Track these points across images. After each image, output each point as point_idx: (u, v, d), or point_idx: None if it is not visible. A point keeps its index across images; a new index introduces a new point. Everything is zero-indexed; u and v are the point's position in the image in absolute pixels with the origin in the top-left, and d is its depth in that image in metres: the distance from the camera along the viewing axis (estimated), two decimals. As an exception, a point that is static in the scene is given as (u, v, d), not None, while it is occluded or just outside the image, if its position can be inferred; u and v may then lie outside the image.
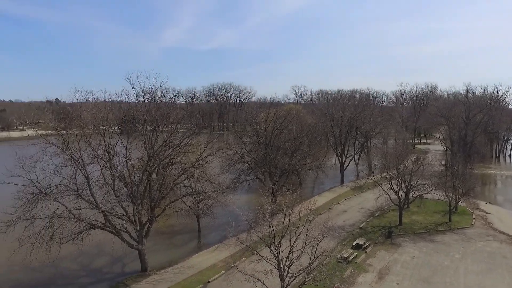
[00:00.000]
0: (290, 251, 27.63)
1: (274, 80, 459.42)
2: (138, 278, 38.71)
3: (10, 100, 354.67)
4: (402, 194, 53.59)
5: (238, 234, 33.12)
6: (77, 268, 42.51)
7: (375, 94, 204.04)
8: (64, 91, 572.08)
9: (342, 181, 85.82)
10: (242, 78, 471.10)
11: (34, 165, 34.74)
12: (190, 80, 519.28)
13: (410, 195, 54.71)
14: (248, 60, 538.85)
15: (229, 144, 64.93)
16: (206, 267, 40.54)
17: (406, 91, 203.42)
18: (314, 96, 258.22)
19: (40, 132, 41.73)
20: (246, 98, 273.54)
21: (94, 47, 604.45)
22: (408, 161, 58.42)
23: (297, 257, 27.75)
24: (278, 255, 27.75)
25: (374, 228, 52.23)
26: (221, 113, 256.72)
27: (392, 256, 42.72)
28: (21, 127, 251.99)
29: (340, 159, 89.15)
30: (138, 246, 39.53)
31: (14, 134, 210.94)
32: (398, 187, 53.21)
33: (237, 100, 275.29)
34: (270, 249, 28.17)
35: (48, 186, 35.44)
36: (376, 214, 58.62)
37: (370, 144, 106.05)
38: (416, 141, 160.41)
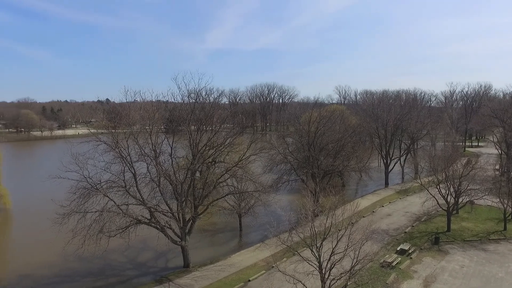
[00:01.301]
0: (331, 253, 27.25)
1: (318, 80, 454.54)
2: (180, 273, 39.73)
3: (66, 101, 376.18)
4: (451, 199, 51.20)
5: (280, 234, 33.09)
6: (124, 260, 44.31)
7: (422, 94, 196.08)
8: (114, 92, 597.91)
9: (386, 184, 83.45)
10: (286, 78, 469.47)
11: (87, 162, 36.76)
12: (233, 80, 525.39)
13: (460, 200, 52.18)
14: (291, 60, 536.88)
15: (271, 144, 65.00)
16: (246, 266, 40.88)
17: (457, 91, 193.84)
18: (358, 96, 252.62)
19: (92, 131, 43.82)
20: (289, 99, 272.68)
21: (142, 49, 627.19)
22: (458, 165, 55.74)
23: (339, 260, 27.30)
24: (320, 257, 27.45)
25: (420, 233, 50.34)
26: (264, 113, 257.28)
27: (439, 263, 40.96)
28: (75, 126, 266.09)
29: (384, 161, 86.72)
30: (181, 243, 40.54)
31: (69, 132, 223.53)
32: (447, 192, 50.91)
33: (280, 100, 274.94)
34: (312, 250, 27.93)
35: (99, 182, 37.29)
36: (423, 219, 56.49)
37: (417, 146, 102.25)
38: (466, 144, 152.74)
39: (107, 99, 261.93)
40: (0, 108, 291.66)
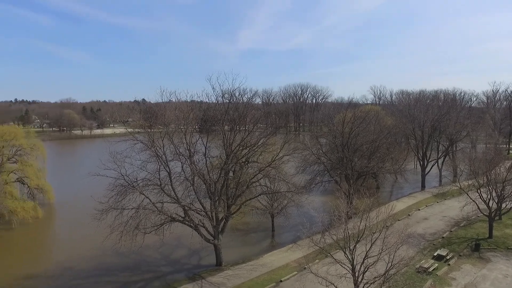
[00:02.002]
0: (365, 257, 26.75)
1: (352, 80, 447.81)
2: (213, 271, 40.22)
3: (105, 101, 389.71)
4: (493, 204, 48.95)
5: (312, 236, 32.83)
6: (158, 257, 45.37)
7: (462, 94, 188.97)
8: (151, 92, 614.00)
9: (423, 187, 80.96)
10: (319, 78, 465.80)
11: (124, 160, 37.98)
12: (266, 80, 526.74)
13: (503, 205, 49.81)
14: (325, 60, 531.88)
15: (305, 144, 64.60)
16: (278, 266, 40.84)
17: (500, 91, 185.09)
18: (394, 96, 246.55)
19: (129, 130, 45.14)
20: (322, 99, 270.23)
21: (176, 50, 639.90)
22: (501, 168, 53.21)
23: (373, 264, 26.76)
24: (353, 260, 27.02)
25: (458, 239, 48.49)
26: (297, 113, 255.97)
27: (480, 271, 39.24)
28: (112, 125, 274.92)
29: (421, 163, 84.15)
30: (214, 241, 41.03)
31: (107, 131, 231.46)
32: (489, 196, 48.67)
33: (314, 101, 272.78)
34: (345, 253, 27.55)
35: (135, 180, 38.45)
36: (462, 224, 54.38)
37: (456, 148, 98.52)
38: (511, 146, 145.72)
39: (143, 99, 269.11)
40: (45, 108, 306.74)
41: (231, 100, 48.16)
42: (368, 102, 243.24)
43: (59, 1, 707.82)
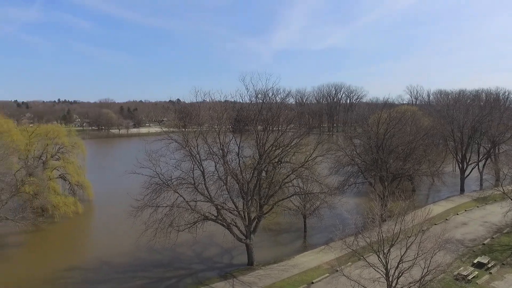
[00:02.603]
0: (400, 261, 26.10)
1: (387, 79, 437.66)
2: (244, 271, 40.42)
3: (141, 101, 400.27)
4: (539, 210, 46.50)
5: (345, 238, 32.43)
6: (191, 254, 46.12)
7: (506, 93, 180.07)
8: (185, 92, 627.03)
9: (462, 190, 77.86)
10: (353, 78, 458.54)
11: (159, 159, 38.90)
12: (300, 80, 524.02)
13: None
14: (360, 59, 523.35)
15: (338, 145, 63.82)
16: (310, 268, 40.53)
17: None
18: (431, 96, 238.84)
19: (164, 129, 46.18)
20: (357, 99, 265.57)
21: (210, 50, 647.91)
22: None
23: (408, 268, 26.07)
24: (387, 264, 26.43)
25: (501, 246, 46.28)
26: (331, 113, 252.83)
27: (524, 281, 37.30)
28: (148, 124, 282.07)
29: (460, 166, 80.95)
30: (246, 241, 41.24)
31: (143, 130, 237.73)
32: (534, 202, 46.29)
33: (348, 101, 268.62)
34: (378, 256, 27.00)
35: (170, 178, 39.29)
36: (505, 231, 51.84)
37: (499, 151, 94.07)
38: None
39: (178, 99, 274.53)
40: (85, 108, 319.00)
41: (265, 100, 48.23)
42: (404, 102, 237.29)
43: (100, 5, 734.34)
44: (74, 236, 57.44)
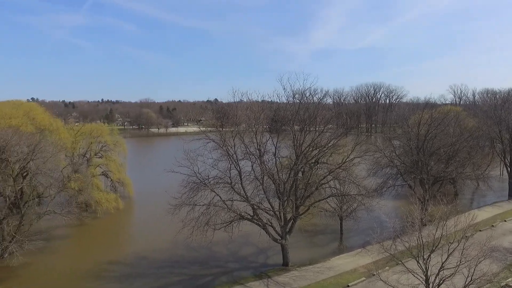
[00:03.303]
0: (441, 268, 25.18)
1: (429, 79, 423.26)
2: (279, 271, 40.38)
3: (179, 100, 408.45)
4: None
5: (382, 241, 31.61)
6: (226, 253, 46.61)
7: None
8: (223, 92, 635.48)
9: (510, 196, 73.89)
10: (393, 77, 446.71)
11: (197, 158, 39.55)
12: (338, 80, 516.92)
13: None
14: (400, 58, 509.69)
15: (377, 146, 62.30)
16: (346, 271, 39.89)
17: None
18: (477, 96, 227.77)
19: (201, 129, 46.92)
20: (396, 99, 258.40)
21: (248, 50, 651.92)
22: None
23: (450, 276, 25.11)
24: (427, 270, 25.57)
25: (552, 255, 43.60)
26: (370, 114, 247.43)
27: None
28: (186, 124, 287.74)
29: (509, 169, 76.84)
30: (282, 241, 41.18)
31: (181, 129, 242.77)
32: None
33: (387, 101, 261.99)
34: (418, 262, 26.18)
35: (207, 177, 39.87)
36: (557, 239, 48.80)
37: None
38: None
39: (215, 99, 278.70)
40: (126, 108, 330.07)
41: (302, 100, 47.97)
42: (447, 102, 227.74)
43: (143, 9, 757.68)
44: (115, 231, 59.63)
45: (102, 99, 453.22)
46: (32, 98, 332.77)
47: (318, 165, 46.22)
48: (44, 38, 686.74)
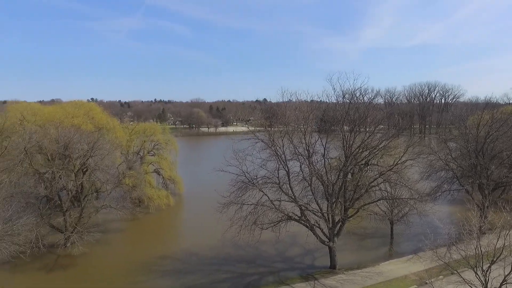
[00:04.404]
0: (503, 282, 23.59)
1: (490, 77, 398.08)
2: (326, 274, 39.87)
3: (229, 100, 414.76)
4: None
5: (436, 249, 30.17)
6: (273, 253, 46.70)
7: None
8: (272, 92, 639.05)
9: None
10: (449, 76, 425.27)
11: (245, 158, 39.97)
12: (389, 79, 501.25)
13: None
14: (456, 56, 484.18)
15: (431, 148, 59.63)
16: (396, 277, 38.56)
17: None
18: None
19: (250, 128, 47.35)
20: (453, 98, 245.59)
21: (296, 51, 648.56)
22: None
23: (512, 290, 23.53)
24: (486, 283, 24.08)
25: None
26: (423, 114, 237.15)
27: None
28: (235, 123, 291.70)
29: None
30: (329, 243, 40.60)
31: (230, 129, 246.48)
32: None
33: (442, 101, 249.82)
34: (476, 273, 24.72)
35: (255, 177, 40.13)
36: None
37: None
38: None
39: (264, 99, 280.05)
40: (177, 107, 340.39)
41: (352, 101, 46.97)
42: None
43: (192, 11, 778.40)
44: (166, 227, 61.80)
45: (155, 99, 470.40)
46: (92, 98, 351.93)
47: (368, 167, 45.04)
48: (103, 42, 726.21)
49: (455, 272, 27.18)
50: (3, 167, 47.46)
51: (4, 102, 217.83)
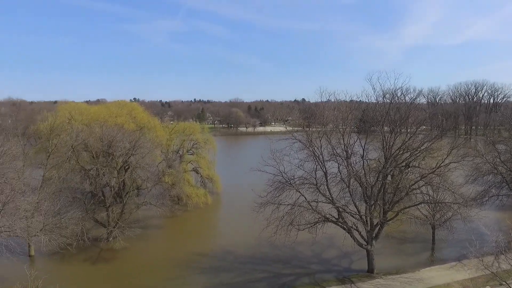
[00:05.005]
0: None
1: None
2: (363, 277, 39.09)
3: (267, 100, 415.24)
4: None
5: (482, 257, 28.77)
6: (309, 254, 46.32)
7: None
8: (310, 92, 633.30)
9: None
10: (498, 74, 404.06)
11: (283, 158, 39.92)
12: (433, 78, 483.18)
13: None
14: (506, 52, 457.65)
15: (477, 151, 57.01)
16: (438, 285, 37.09)
17: None
18: None
19: (288, 128, 47.26)
20: (503, 98, 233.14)
21: (333, 50, 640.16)
22: None
23: None
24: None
25: None
26: (469, 115, 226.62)
27: None
28: (273, 123, 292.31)
29: None
30: (367, 247, 39.74)
31: (268, 129, 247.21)
32: None
33: (491, 100, 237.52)
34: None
35: (292, 178, 40.01)
36: None
37: None
38: None
39: (303, 99, 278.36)
40: (216, 107, 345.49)
41: (393, 100, 45.72)
42: None
43: (231, 11, 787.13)
44: (203, 224, 62.82)
45: (195, 99, 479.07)
46: (134, 98, 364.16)
47: (409, 169, 43.68)
48: (145, 44, 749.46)
49: (503, 283, 25.84)
50: (53, 164, 50.09)
51: (55, 102, 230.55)
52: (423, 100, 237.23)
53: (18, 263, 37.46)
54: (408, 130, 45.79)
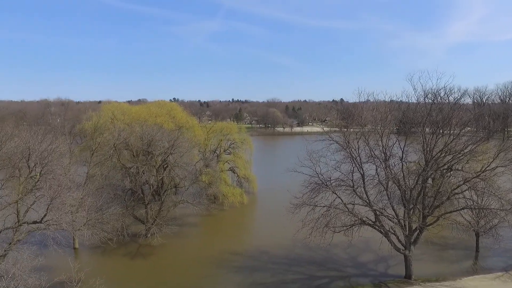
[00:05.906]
0: None
1: None
2: (400, 283, 38.00)
3: (305, 100, 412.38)
4: None
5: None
6: (345, 257, 45.58)
7: None
8: (348, 92, 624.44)
9: None
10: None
11: (319, 159, 39.63)
12: (480, 77, 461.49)
13: None
14: None
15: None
16: (482, 294, 35.50)
17: None
18: None
19: (325, 129, 46.73)
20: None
21: (373, 49, 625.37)
22: None
23: None
24: None
25: None
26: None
27: None
28: (311, 123, 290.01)
29: None
30: (405, 252, 38.56)
31: (305, 129, 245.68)
32: None
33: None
34: None
35: (329, 179, 39.53)
36: None
37: None
38: None
39: (341, 99, 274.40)
40: (254, 107, 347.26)
41: (435, 101, 44.10)
42: None
43: (269, 12, 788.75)
44: (239, 224, 63.34)
45: (232, 99, 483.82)
46: (174, 98, 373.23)
47: (451, 173, 41.95)
48: (184, 45, 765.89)
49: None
50: (96, 161, 52.27)
51: (99, 102, 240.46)
52: (468, 100, 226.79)
53: (64, 255, 39.38)
54: (451, 132, 43.95)
